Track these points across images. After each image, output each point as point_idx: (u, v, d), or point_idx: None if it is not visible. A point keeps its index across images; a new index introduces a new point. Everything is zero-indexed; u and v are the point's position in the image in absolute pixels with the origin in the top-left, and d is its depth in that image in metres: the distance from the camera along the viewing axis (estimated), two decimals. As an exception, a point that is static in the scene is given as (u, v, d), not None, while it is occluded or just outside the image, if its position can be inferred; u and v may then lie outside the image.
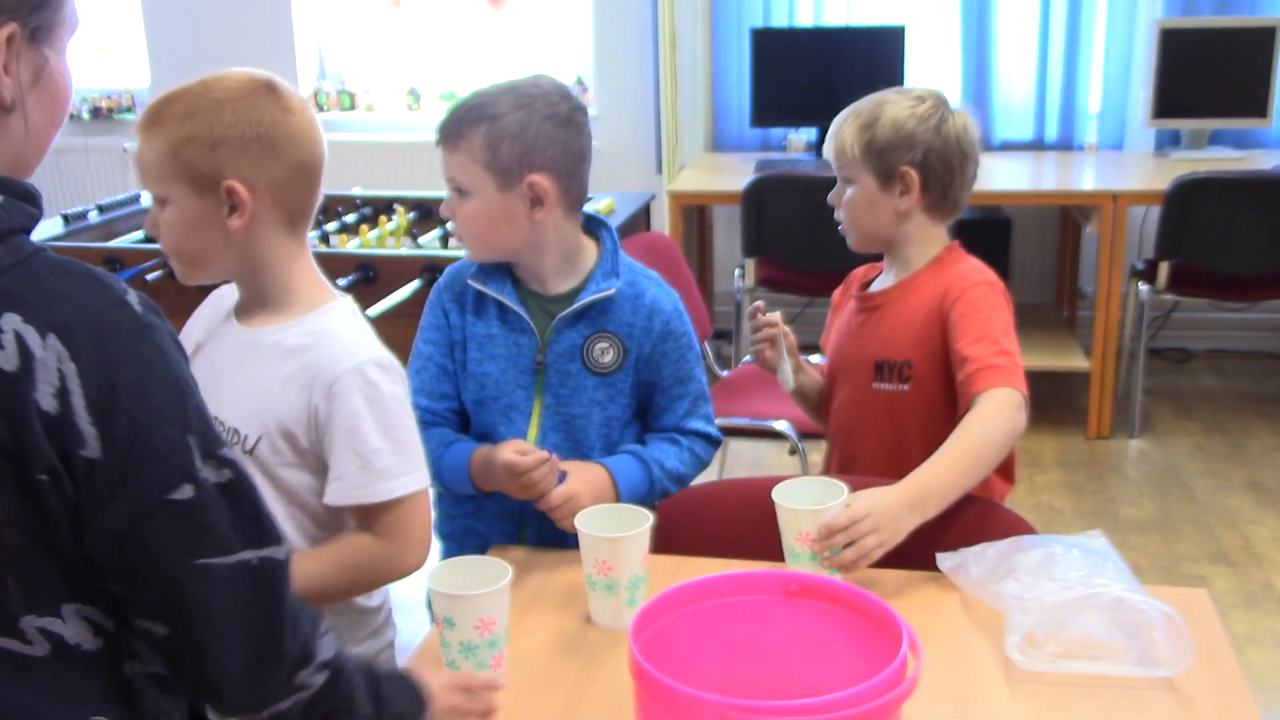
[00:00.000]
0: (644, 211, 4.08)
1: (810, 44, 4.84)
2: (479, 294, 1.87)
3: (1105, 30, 4.80)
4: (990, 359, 1.82)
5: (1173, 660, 1.44)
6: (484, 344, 1.86)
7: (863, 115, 1.97)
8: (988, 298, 1.91)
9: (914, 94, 1.98)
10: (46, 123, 1.12)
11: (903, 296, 1.99)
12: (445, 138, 1.80)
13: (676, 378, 1.90)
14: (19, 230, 1.05)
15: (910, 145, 1.94)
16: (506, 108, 1.76)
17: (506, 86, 1.80)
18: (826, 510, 1.62)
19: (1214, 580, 3.25)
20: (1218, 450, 4.15)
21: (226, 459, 1.08)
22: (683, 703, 1.06)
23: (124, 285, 1.07)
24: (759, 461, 4.13)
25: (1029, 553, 1.59)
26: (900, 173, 1.95)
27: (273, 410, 1.53)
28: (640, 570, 1.58)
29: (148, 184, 1.50)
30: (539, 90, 1.78)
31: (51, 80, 1.11)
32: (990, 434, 1.77)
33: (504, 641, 1.46)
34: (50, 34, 1.09)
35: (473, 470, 1.82)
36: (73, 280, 1.04)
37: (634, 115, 5.24)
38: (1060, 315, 4.90)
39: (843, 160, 1.99)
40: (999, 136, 4.95)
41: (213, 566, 1.05)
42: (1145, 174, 4.44)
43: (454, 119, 1.79)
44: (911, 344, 1.96)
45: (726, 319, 4.83)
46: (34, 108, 1.10)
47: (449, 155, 1.79)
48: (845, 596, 1.25)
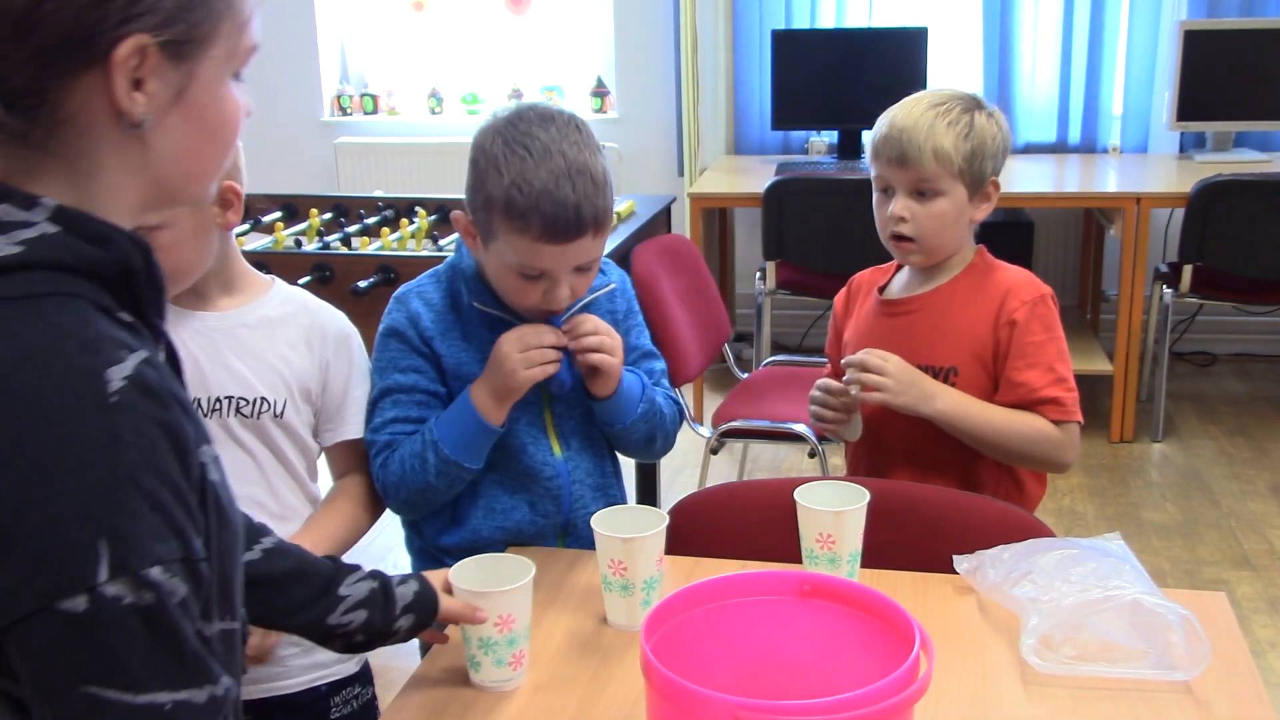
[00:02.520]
0: (665, 214, 4.08)
1: (832, 46, 4.84)
2: (461, 319, 1.79)
3: (1128, 32, 4.78)
4: (1059, 392, 1.88)
5: (1190, 663, 1.43)
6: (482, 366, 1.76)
7: (956, 123, 1.88)
8: (1051, 314, 1.92)
9: (963, 97, 1.93)
10: (193, 147, 1.04)
11: (942, 302, 1.95)
12: (582, 231, 1.66)
13: (640, 352, 1.90)
14: (47, 265, 0.96)
15: (997, 155, 1.92)
16: (598, 169, 1.66)
17: (558, 145, 1.64)
18: (848, 513, 1.62)
19: (1237, 584, 3.23)
20: (1241, 454, 4.12)
21: (152, 582, 0.92)
22: (694, 702, 1.06)
23: (127, 358, 0.95)
24: (779, 464, 4.12)
25: (1045, 555, 1.58)
26: (989, 183, 1.93)
27: (293, 372, 1.69)
28: (655, 571, 1.58)
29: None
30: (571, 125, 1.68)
31: (198, 102, 1.02)
32: (1027, 439, 1.87)
33: (525, 639, 1.46)
34: (196, 51, 1.01)
35: (477, 401, 1.73)
36: (41, 336, 0.94)
37: (655, 118, 5.24)
38: (1083, 318, 4.88)
39: (936, 169, 1.88)
40: (1021, 139, 4.93)
41: (105, 700, 0.91)
42: (1169, 176, 4.42)
43: (579, 217, 1.64)
44: (957, 350, 1.93)
45: (747, 322, 4.83)
46: (174, 129, 1.02)
47: (593, 240, 1.68)
48: (858, 597, 1.24)
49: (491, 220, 1.66)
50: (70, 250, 0.97)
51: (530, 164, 1.62)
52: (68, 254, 0.97)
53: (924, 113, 1.89)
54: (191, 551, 0.96)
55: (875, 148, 1.95)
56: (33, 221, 0.97)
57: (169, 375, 1.01)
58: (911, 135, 1.88)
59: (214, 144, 1.06)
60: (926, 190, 1.90)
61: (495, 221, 1.65)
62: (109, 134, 0.99)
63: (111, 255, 0.99)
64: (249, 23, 1.05)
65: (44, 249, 0.97)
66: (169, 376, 1.00)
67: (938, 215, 1.90)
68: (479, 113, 5.41)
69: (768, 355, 4.17)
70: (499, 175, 1.63)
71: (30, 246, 0.96)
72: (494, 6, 5.37)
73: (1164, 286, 4.21)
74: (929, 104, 1.90)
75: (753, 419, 3.13)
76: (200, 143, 1.04)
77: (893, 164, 1.91)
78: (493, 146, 1.65)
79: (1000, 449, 1.90)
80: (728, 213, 4.96)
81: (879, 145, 1.94)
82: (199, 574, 0.98)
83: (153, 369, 0.97)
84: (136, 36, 0.96)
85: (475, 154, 1.68)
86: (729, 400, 3.31)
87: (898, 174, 1.91)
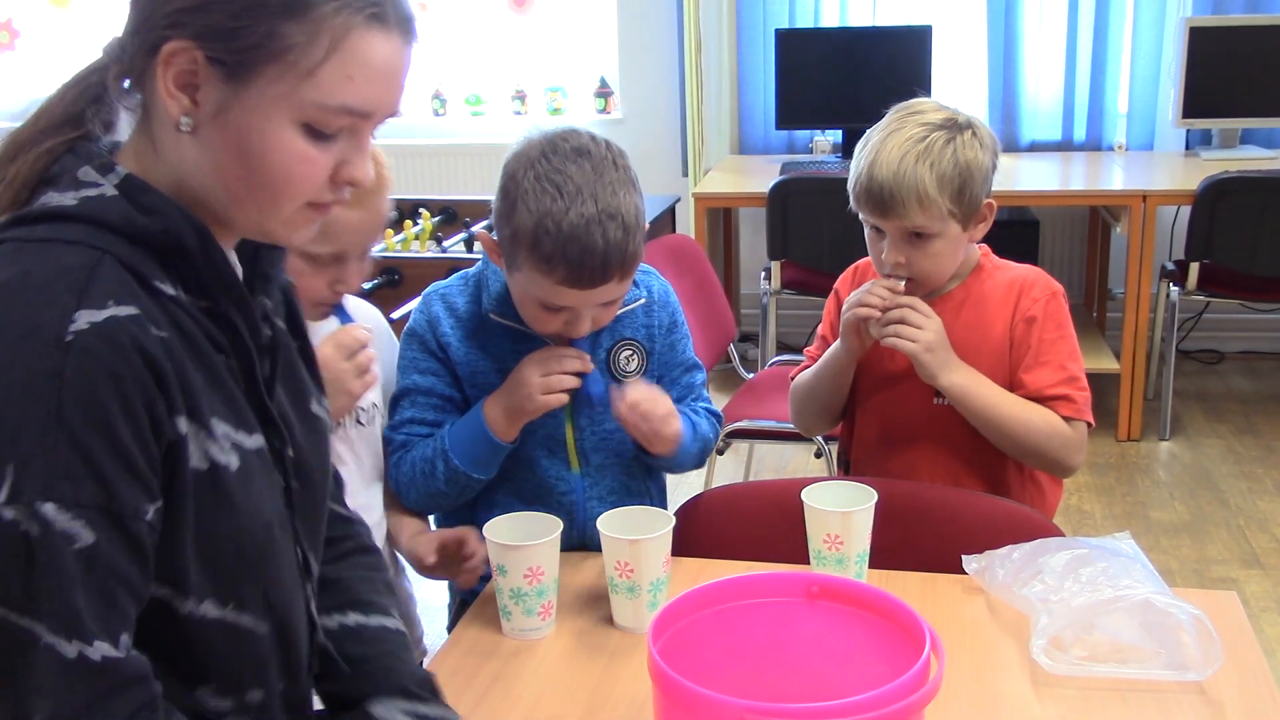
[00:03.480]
0: (669, 214, 4.08)
1: (836, 45, 4.83)
2: (482, 326, 1.76)
3: (1133, 29, 4.76)
4: (1070, 390, 1.86)
5: (1202, 663, 1.42)
6: (503, 380, 1.73)
7: (939, 162, 1.79)
8: (1064, 312, 1.90)
9: (943, 121, 1.82)
10: (225, 168, 1.05)
11: (955, 308, 1.89)
12: (607, 278, 1.62)
13: (684, 366, 1.88)
14: (92, 221, 1.02)
15: (987, 177, 1.84)
16: (630, 212, 1.61)
17: (591, 184, 1.59)
18: (856, 513, 1.61)
19: (1246, 583, 3.22)
20: (1249, 452, 4.11)
21: (41, 516, 0.94)
22: (702, 705, 1.06)
23: (107, 308, 0.99)
24: (784, 464, 4.11)
25: (1055, 555, 1.57)
26: (984, 206, 1.86)
27: (388, 378, 1.79)
28: (662, 572, 1.57)
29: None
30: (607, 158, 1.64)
31: (238, 127, 1.03)
32: (1039, 432, 1.84)
33: (553, 591, 1.56)
34: (242, 75, 1.01)
35: (489, 415, 1.70)
36: (41, 271, 0.99)
37: (659, 118, 5.23)
38: (1089, 316, 4.86)
39: (924, 219, 1.80)
40: (1026, 137, 4.92)
41: None
42: (1175, 174, 4.40)
43: (606, 265, 1.60)
44: (977, 355, 1.87)
45: (752, 321, 4.82)
46: (212, 143, 1.04)
47: (619, 284, 1.65)
48: (867, 599, 1.24)
49: (516, 253, 1.62)
50: (119, 212, 1.04)
51: (560, 205, 1.56)
52: (115, 215, 1.03)
53: (903, 158, 1.79)
54: (117, 504, 0.98)
55: (856, 195, 1.86)
56: (100, 183, 1.05)
57: (172, 346, 1.03)
58: (894, 188, 1.79)
59: (251, 176, 1.05)
60: (920, 233, 1.83)
61: (520, 255, 1.61)
62: (167, 124, 1.04)
63: (157, 225, 1.04)
64: (314, 76, 1.02)
65: (95, 207, 1.03)
66: (171, 347, 1.03)
67: (934, 255, 1.85)
68: (483, 114, 5.42)
69: (773, 355, 4.16)
70: (527, 212, 1.58)
71: (84, 203, 1.04)
72: (497, 6, 5.36)
73: (1170, 284, 4.20)
74: (908, 143, 1.80)
75: (759, 419, 3.12)
76: (234, 166, 1.05)
77: (877, 215, 1.84)
78: (524, 178, 1.59)
79: (1010, 438, 1.85)
80: (732, 213, 4.95)
81: (860, 194, 1.85)
82: (128, 531, 0.99)
83: (136, 326, 1.00)
84: (181, 41, 1.01)
85: (506, 181, 1.63)
86: (734, 400, 3.30)
87: (885, 223, 1.84)
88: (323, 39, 1.02)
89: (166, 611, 1.07)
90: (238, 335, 1.12)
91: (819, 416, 2.07)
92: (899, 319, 1.83)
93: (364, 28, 1.04)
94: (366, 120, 1.08)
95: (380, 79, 1.06)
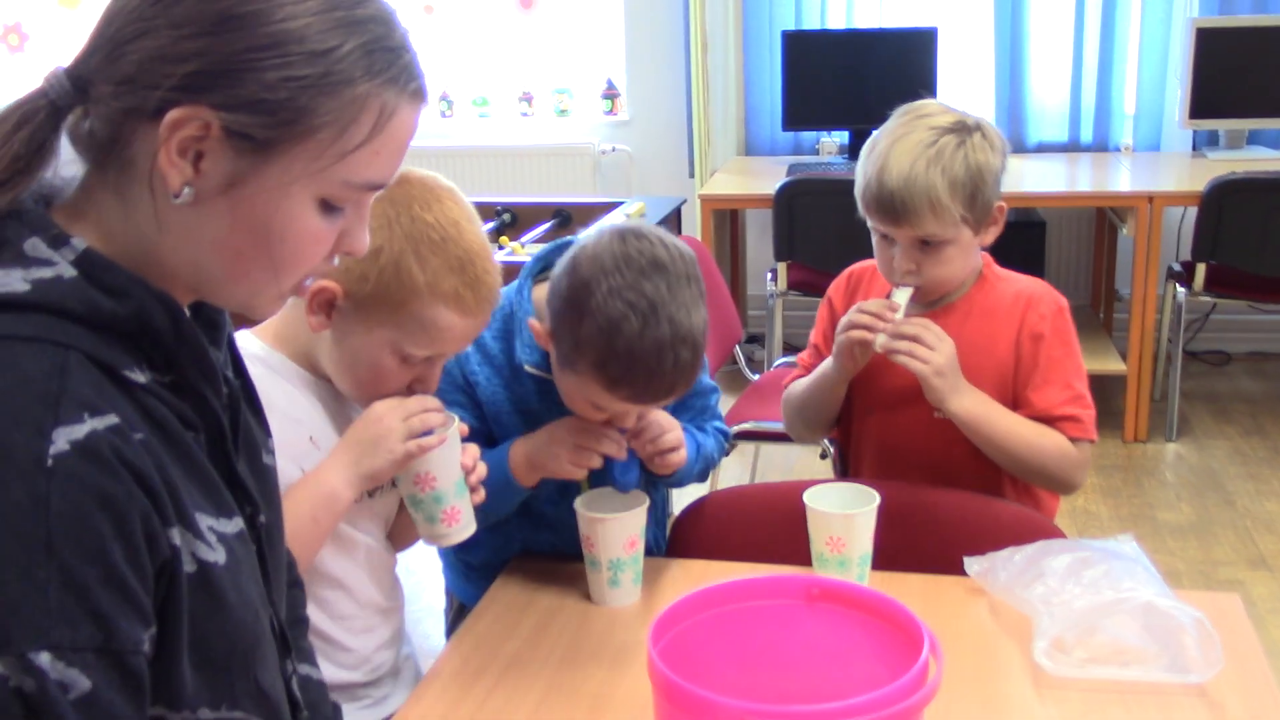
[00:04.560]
0: (675, 215, 4.07)
1: (842, 46, 4.83)
2: (514, 372, 1.70)
3: (1140, 30, 4.75)
4: (1077, 410, 1.82)
5: (1203, 666, 1.42)
6: (525, 419, 1.71)
7: (950, 166, 1.75)
8: (1070, 328, 1.86)
9: (953, 123, 1.79)
10: (234, 245, 0.96)
11: (958, 322, 1.85)
12: (670, 397, 1.58)
13: (701, 393, 1.84)
14: (50, 309, 0.91)
15: (998, 178, 1.81)
16: (700, 330, 1.54)
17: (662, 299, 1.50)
18: (858, 516, 1.61)
19: (1252, 585, 3.21)
20: (1257, 454, 4.10)
21: (36, 668, 0.84)
22: (702, 707, 1.06)
23: (85, 421, 0.88)
24: (790, 465, 4.11)
25: (1057, 557, 1.57)
26: (995, 209, 1.83)
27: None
28: (624, 553, 1.61)
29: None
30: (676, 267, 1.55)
31: (253, 204, 0.94)
32: (1048, 455, 1.81)
33: (454, 497, 1.49)
34: (267, 151, 0.93)
35: (514, 458, 1.67)
36: (2, 382, 0.88)
37: (665, 119, 5.23)
38: (1096, 318, 4.85)
39: (937, 226, 1.77)
40: (1033, 138, 4.91)
41: None
42: (1181, 175, 4.40)
43: (671, 388, 1.56)
44: (980, 372, 1.82)
45: (758, 323, 4.82)
46: (218, 217, 0.95)
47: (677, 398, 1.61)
48: (866, 601, 1.24)
49: (576, 360, 1.53)
50: (80, 298, 0.92)
51: (633, 327, 1.47)
52: (77, 301, 0.92)
53: (914, 162, 1.75)
54: (117, 641, 0.89)
55: (865, 201, 1.82)
56: (54, 261, 0.93)
57: (152, 448, 0.94)
58: (905, 195, 1.75)
59: (262, 255, 0.97)
60: (931, 240, 1.79)
61: (580, 364, 1.53)
62: (157, 193, 0.94)
63: (126, 310, 0.94)
64: (354, 154, 0.96)
65: (52, 292, 0.92)
66: (152, 449, 0.94)
67: (946, 262, 1.81)
68: (489, 116, 5.43)
69: (779, 357, 4.16)
70: (597, 328, 1.48)
71: (37, 287, 0.91)
72: (504, 7, 5.37)
73: (1177, 285, 4.19)
74: (917, 148, 1.76)
75: (764, 420, 3.11)
76: (243, 245, 0.97)
77: (888, 222, 1.80)
78: (596, 289, 1.49)
79: (1019, 462, 1.82)
80: (738, 214, 4.95)
81: (869, 200, 1.80)
82: (127, 668, 0.90)
83: (118, 438, 0.90)
84: (195, 108, 0.91)
85: (575, 285, 1.52)
86: (740, 402, 3.30)
87: (896, 231, 1.80)
88: (365, 119, 0.95)
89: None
90: (207, 407, 1.03)
91: (810, 427, 2.05)
92: (912, 336, 1.77)
93: (408, 105, 0.98)
94: (376, 192, 1.02)
95: (402, 152, 1.01)
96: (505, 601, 1.67)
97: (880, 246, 1.86)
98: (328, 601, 1.55)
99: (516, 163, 5.29)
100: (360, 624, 1.59)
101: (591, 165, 5.29)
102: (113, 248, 0.96)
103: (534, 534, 1.78)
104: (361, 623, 1.59)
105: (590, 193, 5.19)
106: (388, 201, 1.42)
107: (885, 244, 1.85)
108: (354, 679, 1.59)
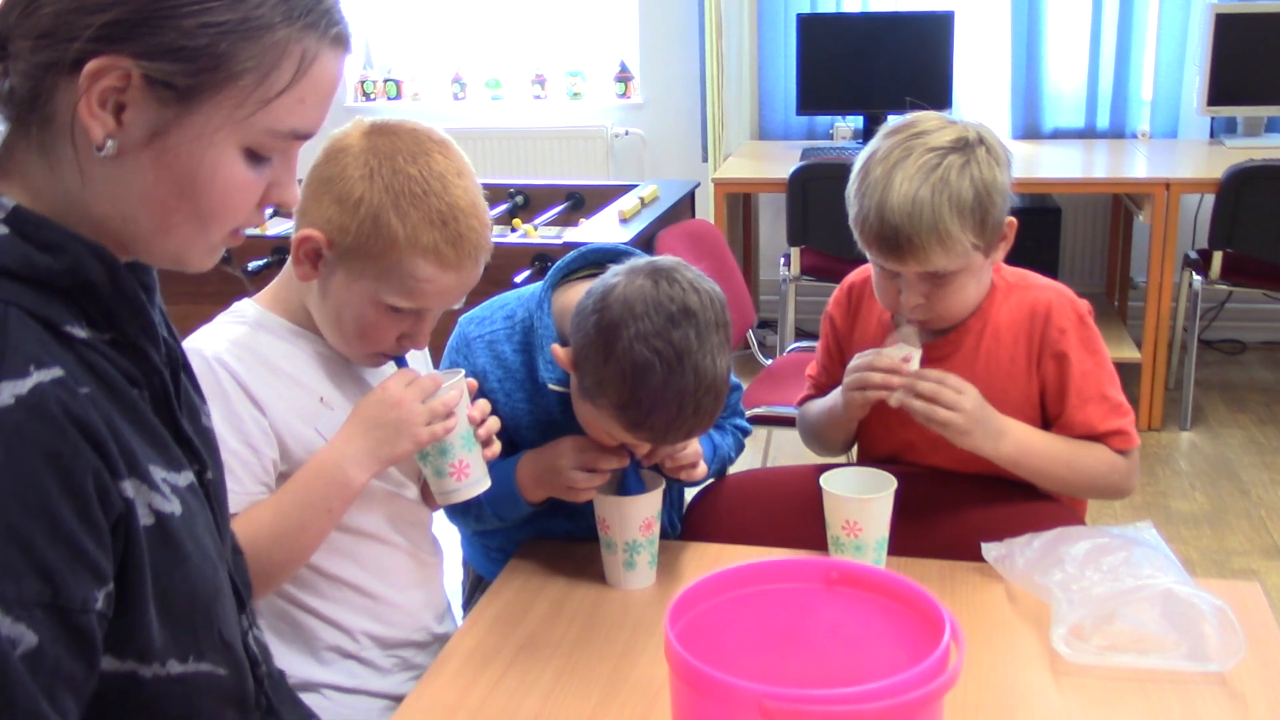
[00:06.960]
0: (689, 199, 4.06)
1: (857, 30, 4.80)
2: (529, 377, 1.68)
3: (1159, 15, 4.72)
4: (1121, 422, 1.74)
5: (1224, 654, 1.41)
6: (546, 431, 1.68)
7: (958, 193, 1.61)
8: (1093, 333, 1.75)
9: (955, 139, 1.65)
10: (159, 197, 0.96)
11: (972, 344, 1.75)
12: (691, 437, 1.60)
13: None
14: None
15: (1005, 196, 1.67)
16: (724, 378, 1.51)
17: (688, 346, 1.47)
18: (875, 500, 1.60)
19: (1266, 574, 3.19)
20: (1271, 443, 4.08)
21: (35, 616, 0.86)
22: (719, 690, 1.05)
23: (30, 374, 0.88)
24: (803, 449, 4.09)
25: (1076, 544, 1.56)
26: (1005, 226, 1.70)
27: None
28: (639, 536, 1.61)
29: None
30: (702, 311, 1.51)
31: (177, 154, 0.94)
32: (1100, 475, 1.74)
33: (463, 449, 1.48)
34: (189, 100, 0.93)
35: (521, 475, 1.66)
36: None
37: (679, 103, 5.21)
38: (1111, 305, 4.83)
39: (946, 258, 1.63)
40: (1049, 124, 4.88)
41: None
42: (1199, 162, 4.37)
43: (690, 434, 1.56)
44: (1003, 398, 1.71)
45: (771, 308, 4.80)
46: (142, 169, 0.95)
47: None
48: (886, 585, 1.22)
49: (598, 397, 1.51)
50: (15, 254, 0.92)
51: (658, 376, 1.45)
52: (11, 258, 0.92)
53: (917, 192, 1.60)
54: (64, 597, 0.88)
55: (865, 236, 1.68)
56: None
57: (98, 401, 0.93)
58: (911, 231, 1.60)
59: (189, 207, 0.98)
60: (947, 273, 1.65)
61: (601, 400, 1.51)
62: (80, 147, 0.94)
63: (62, 264, 0.94)
64: (277, 101, 0.97)
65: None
66: (98, 402, 0.93)
67: (957, 290, 1.68)
68: (502, 98, 5.41)
69: (792, 341, 4.14)
70: (621, 373, 1.46)
71: None
72: (517, -10, 5.36)
73: (1193, 273, 4.17)
74: (919, 174, 1.61)
75: (777, 405, 3.10)
76: (169, 197, 0.97)
77: (892, 259, 1.65)
78: (624, 331, 1.46)
79: (1070, 486, 1.76)
80: (752, 198, 4.93)
81: (869, 236, 1.67)
82: (75, 626, 0.90)
83: (64, 391, 0.90)
84: (114, 57, 0.91)
85: (603, 325, 1.48)
86: (753, 386, 3.29)
87: (902, 267, 1.66)
88: (286, 65, 0.96)
89: (131, 681, 0.99)
90: (149, 364, 1.03)
91: (826, 449, 1.98)
92: (931, 395, 1.64)
93: (329, 51, 0.99)
94: (302, 142, 1.01)
95: (327, 101, 1.01)
96: (519, 583, 1.67)
97: (881, 278, 1.73)
98: (368, 558, 1.56)
99: (529, 145, 5.28)
100: (405, 579, 1.60)
101: (604, 148, 5.27)
102: (40, 205, 0.96)
103: (549, 521, 1.77)
104: (406, 578, 1.60)
105: (603, 176, 5.18)
106: (371, 153, 1.42)
107: (887, 276, 1.72)
108: (412, 638, 1.61)
